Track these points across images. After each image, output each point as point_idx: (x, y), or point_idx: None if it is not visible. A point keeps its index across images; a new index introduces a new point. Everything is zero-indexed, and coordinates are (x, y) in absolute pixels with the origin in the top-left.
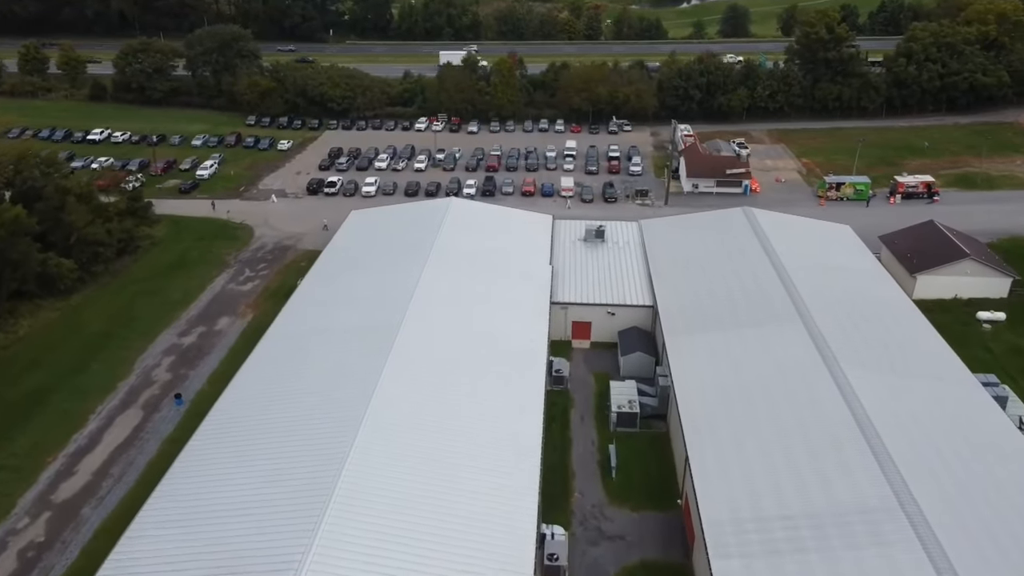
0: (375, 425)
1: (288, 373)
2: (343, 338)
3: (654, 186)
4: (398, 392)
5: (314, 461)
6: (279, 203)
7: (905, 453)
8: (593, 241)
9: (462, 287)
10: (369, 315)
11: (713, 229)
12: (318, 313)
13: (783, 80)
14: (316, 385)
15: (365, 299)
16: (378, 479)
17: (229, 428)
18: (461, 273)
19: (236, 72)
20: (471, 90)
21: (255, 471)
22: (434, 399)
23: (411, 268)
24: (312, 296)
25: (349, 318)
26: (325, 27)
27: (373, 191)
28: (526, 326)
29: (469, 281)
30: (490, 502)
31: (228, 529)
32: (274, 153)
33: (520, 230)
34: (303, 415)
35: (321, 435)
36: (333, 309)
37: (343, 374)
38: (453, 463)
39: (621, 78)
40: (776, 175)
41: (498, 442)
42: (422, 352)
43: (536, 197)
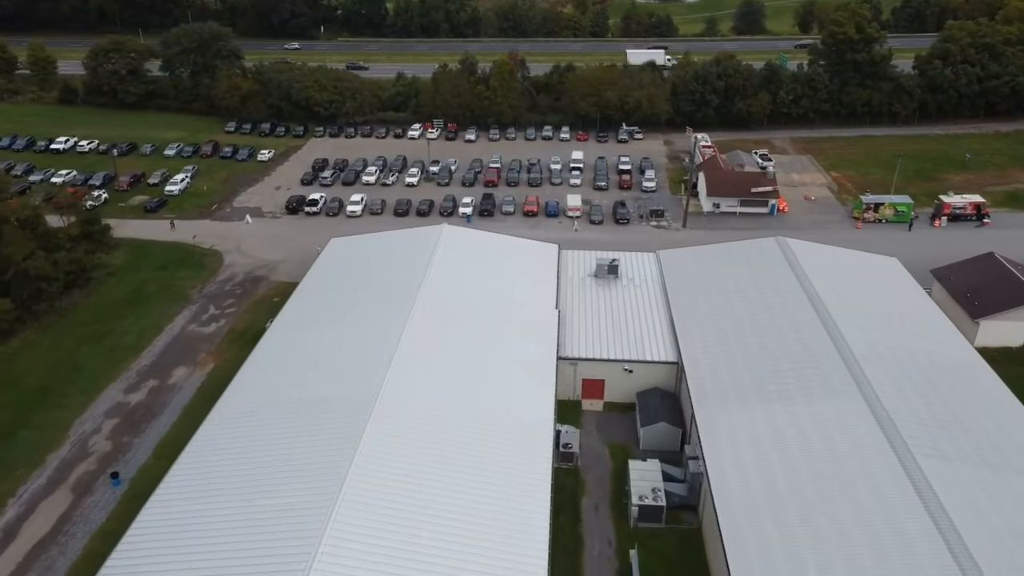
0: (336, 548)
1: (238, 460)
2: (307, 416)
3: (670, 205)
4: (367, 497)
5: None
6: (254, 224)
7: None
8: (605, 277)
9: (452, 344)
10: (340, 384)
11: (743, 263)
12: (281, 378)
13: (807, 83)
14: (269, 478)
15: (337, 359)
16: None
17: (167, 528)
18: (452, 325)
19: (216, 74)
20: (468, 94)
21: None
22: (414, 506)
23: (394, 317)
24: (278, 350)
25: (316, 387)
26: (316, 23)
27: (359, 210)
28: (528, 397)
29: (461, 335)
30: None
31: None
32: (253, 164)
33: (522, 264)
34: (251, 520)
35: (274, 552)
36: (299, 372)
37: (304, 466)
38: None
39: (632, 81)
40: (805, 192)
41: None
42: (400, 440)
43: (539, 217)
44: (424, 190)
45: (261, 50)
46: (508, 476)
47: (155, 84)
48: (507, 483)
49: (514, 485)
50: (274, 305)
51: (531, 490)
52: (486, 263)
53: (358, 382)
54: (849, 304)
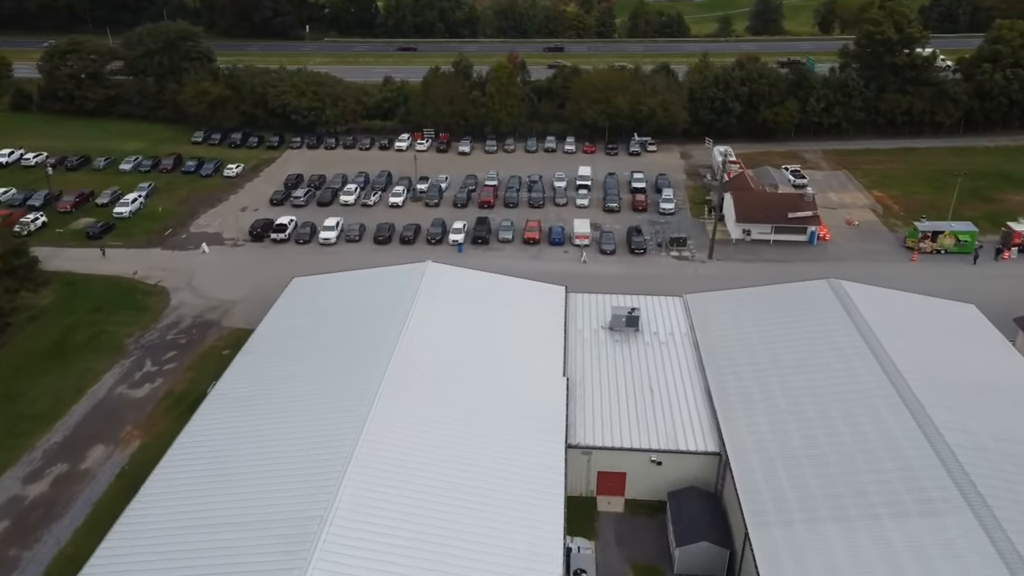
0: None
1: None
2: (223, 548)
3: (692, 231)
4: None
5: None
6: (211, 253)
7: None
8: (623, 331)
9: (429, 437)
10: (274, 502)
11: (792, 315)
12: (202, 484)
13: (840, 89)
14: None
15: (278, 460)
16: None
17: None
18: (431, 405)
19: (184, 78)
20: (463, 100)
21: None
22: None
23: (359, 394)
24: (208, 437)
25: (244, 501)
26: (301, 23)
27: (333, 237)
28: (530, 517)
29: (443, 430)
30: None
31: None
32: (219, 181)
33: (521, 313)
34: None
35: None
36: (226, 478)
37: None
38: None
39: (644, 86)
40: (846, 215)
41: None
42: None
43: (542, 245)
44: (410, 212)
45: (241, 51)
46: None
47: (117, 89)
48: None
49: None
50: (222, 359)
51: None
52: (478, 313)
53: (298, 502)
54: (931, 373)
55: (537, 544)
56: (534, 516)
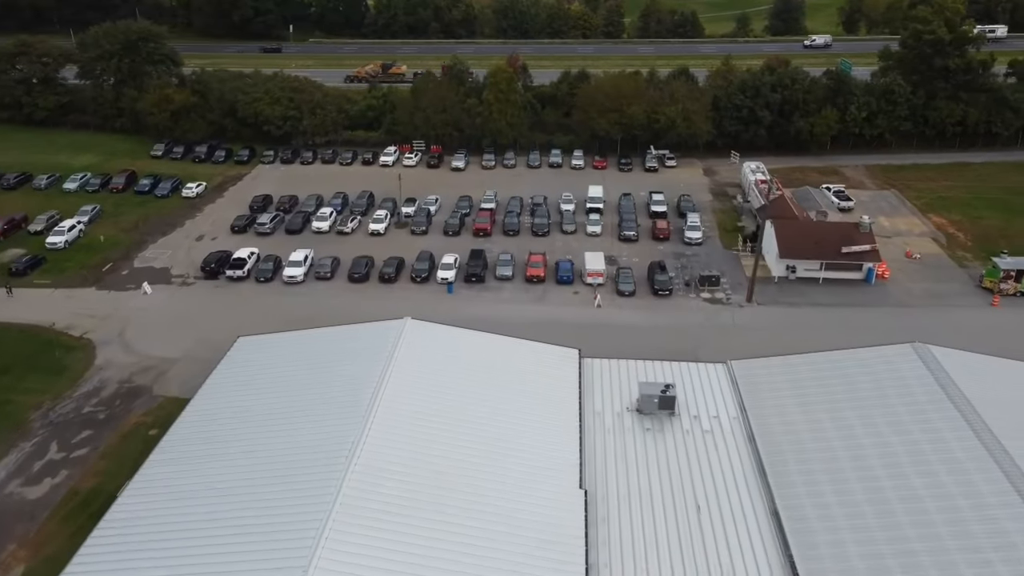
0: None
1: None
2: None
3: (725, 264)
4: None
5: None
6: (154, 295)
7: None
8: (655, 414)
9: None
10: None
11: (871, 392)
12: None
13: (884, 97)
14: None
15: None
16: None
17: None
18: (398, 545)
19: (145, 83)
20: (457, 108)
21: None
22: None
23: (302, 529)
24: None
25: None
26: (285, 22)
27: (300, 275)
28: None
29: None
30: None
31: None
32: (176, 202)
33: (524, 390)
34: None
35: None
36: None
37: None
38: None
39: (661, 92)
40: (904, 246)
41: None
42: None
43: (547, 284)
44: (393, 241)
45: (219, 52)
46: None
47: (74, 95)
48: None
49: None
50: (147, 442)
51: None
52: (468, 393)
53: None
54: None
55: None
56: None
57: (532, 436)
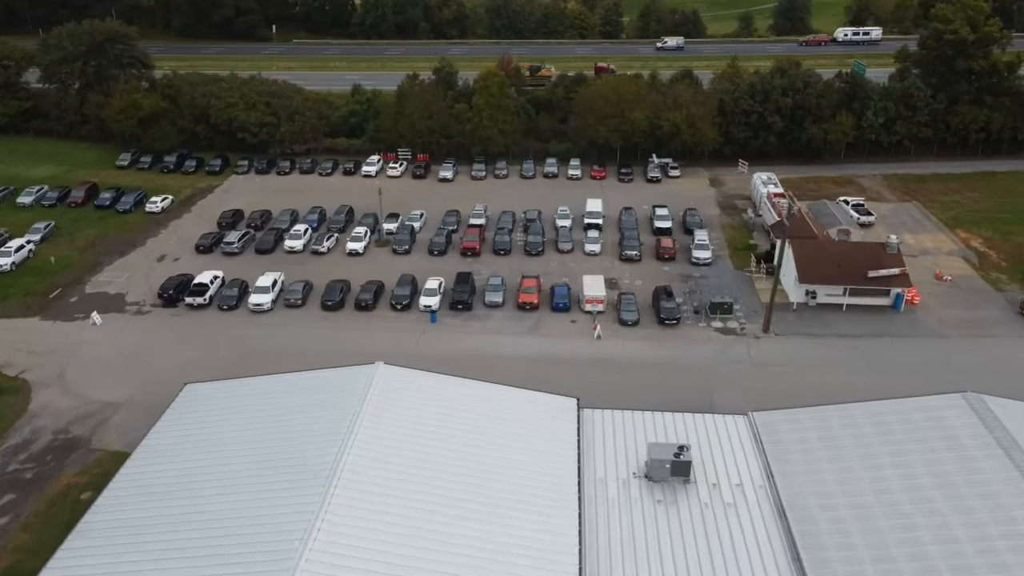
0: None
1: None
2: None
3: (737, 288)
4: None
5: None
6: (104, 326)
7: None
8: (668, 482)
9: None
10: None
11: (918, 452)
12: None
13: (903, 101)
14: None
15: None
16: None
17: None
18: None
19: (113, 88)
20: (444, 114)
21: None
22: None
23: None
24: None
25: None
26: (268, 22)
27: (267, 302)
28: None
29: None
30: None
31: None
32: (138, 218)
33: (513, 450)
34: None
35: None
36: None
37: None
38: None
39: (664, 97)
40: (933, 266)
41: None
42: None
43: (542, 312)
44: (373, 262)
45: (199, 54)
46: None
47: (35, 100)
48: None
49: None
50: (77, 508)
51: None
52: (446, 459)
53: None
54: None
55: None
56: None
57: (521, 517)
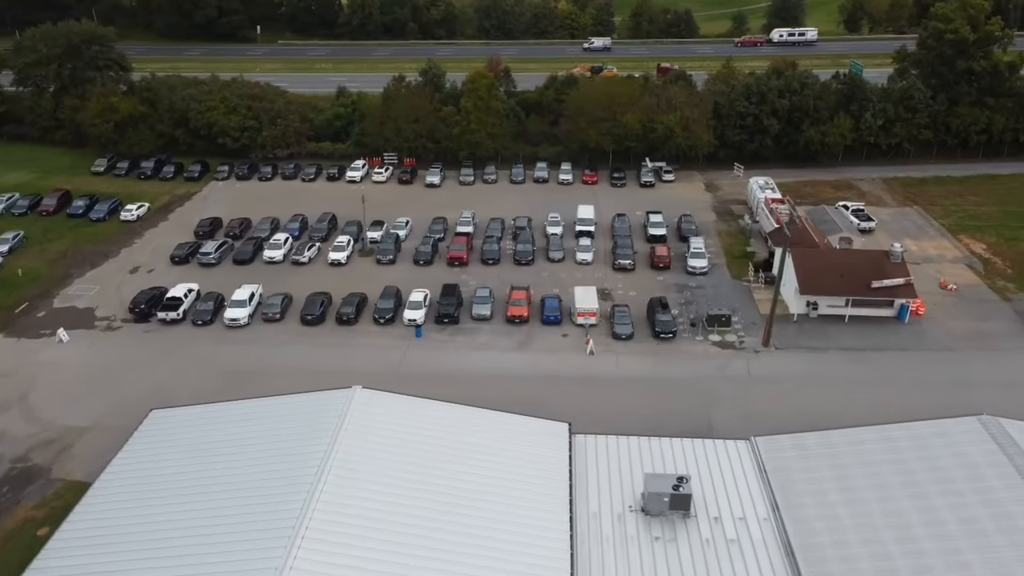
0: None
1: None
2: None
3: (735, 298)
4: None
5: None
6: (71, 343)
7: None
8: (666, 516)
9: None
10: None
11: (932, 482)
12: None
13: (902, 102)
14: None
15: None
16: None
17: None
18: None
19: (89, 91)
20: (431, 117)
21: None
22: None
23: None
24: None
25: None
26: (252, 23)
27: (244, 317)
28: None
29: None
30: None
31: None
32: (112, 227)
33: (498, 486)
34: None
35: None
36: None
37: None
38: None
39: (658, 99)
40: (937, 275)
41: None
42: None
43: (531, 325)
44: (356, 272)
45: (178, 56)
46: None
47: (7, 104)
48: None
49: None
50: (34, 546)
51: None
52: (427, 494)
53: None
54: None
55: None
56: None
57: (510, 559)
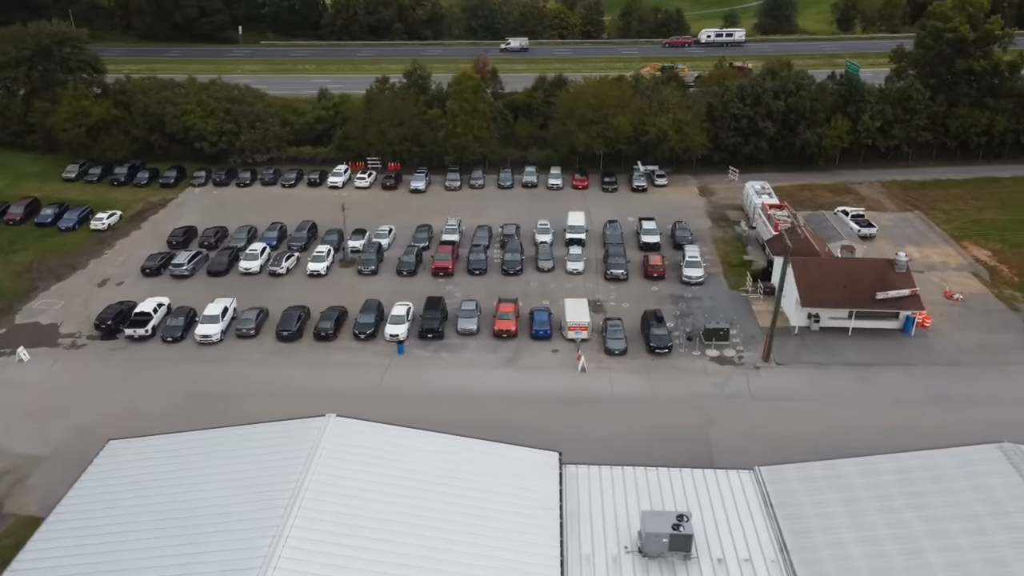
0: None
1: None
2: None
3: (732, 309)
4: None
5: None
6: (32, 363)
7: None
8: (664, 558)
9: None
10: None
11: (952, 518)
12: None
13: (900, 103)
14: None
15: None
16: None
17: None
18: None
19: (60, 94)
20: (416, 120)
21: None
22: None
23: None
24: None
25: None
26: (234, 23)
27: (216, 333)
28: None
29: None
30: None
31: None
32: (82, 236)
33: (481, 527)
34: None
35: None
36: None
37: None
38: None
39: (648, 100)
40: (943, 284)
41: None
42: None
43: (520, 339)
44: (336, 284)
45: (158, 57)
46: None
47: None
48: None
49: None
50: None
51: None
52: (408, 531)
53: None
54: None
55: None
56: None
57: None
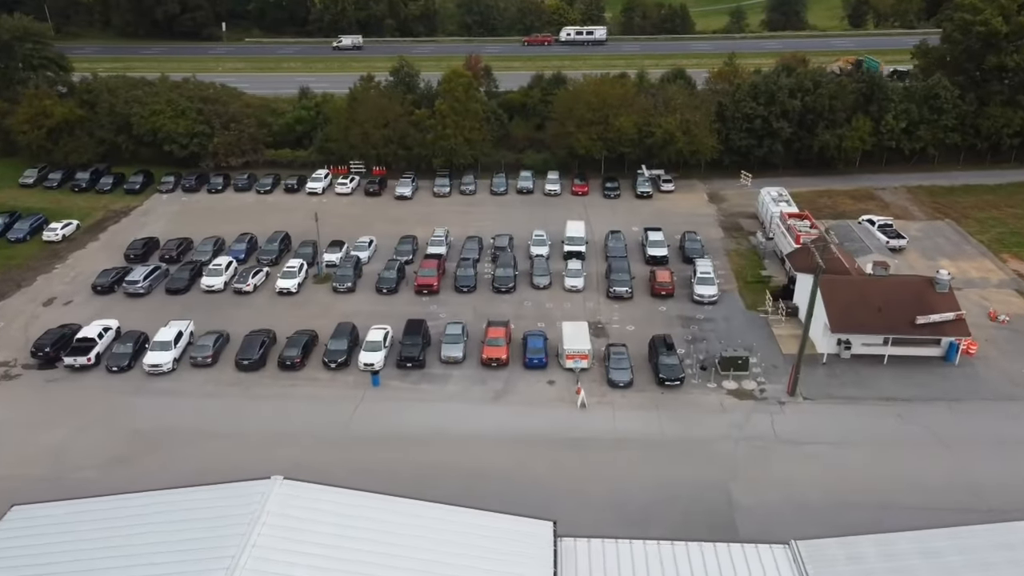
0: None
1: None
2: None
3: (752, 334)
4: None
5: None
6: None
7: None
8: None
9: None
10: None
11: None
12: None
13: (927, 103)
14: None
15: None
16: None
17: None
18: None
19: (21, 93)
20: (402, 121)
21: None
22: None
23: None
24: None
25: None
26: (218, 19)
27: (168, 362)
28: None
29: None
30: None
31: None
32: (33, 248)
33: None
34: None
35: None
36: None
37: None
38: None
39: (653, 100)
40: (986, 303)
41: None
42: None
43: (512, 369)
44: (308, 304)
45: (136, 55)
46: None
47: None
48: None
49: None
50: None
51: None
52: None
53: None
54: None
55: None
56: None
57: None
